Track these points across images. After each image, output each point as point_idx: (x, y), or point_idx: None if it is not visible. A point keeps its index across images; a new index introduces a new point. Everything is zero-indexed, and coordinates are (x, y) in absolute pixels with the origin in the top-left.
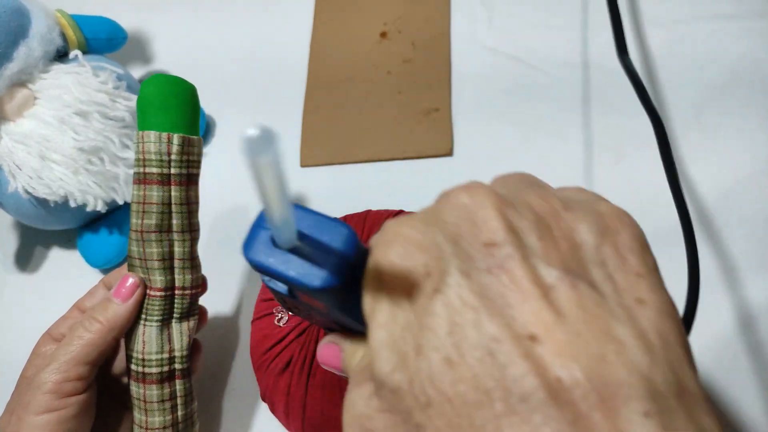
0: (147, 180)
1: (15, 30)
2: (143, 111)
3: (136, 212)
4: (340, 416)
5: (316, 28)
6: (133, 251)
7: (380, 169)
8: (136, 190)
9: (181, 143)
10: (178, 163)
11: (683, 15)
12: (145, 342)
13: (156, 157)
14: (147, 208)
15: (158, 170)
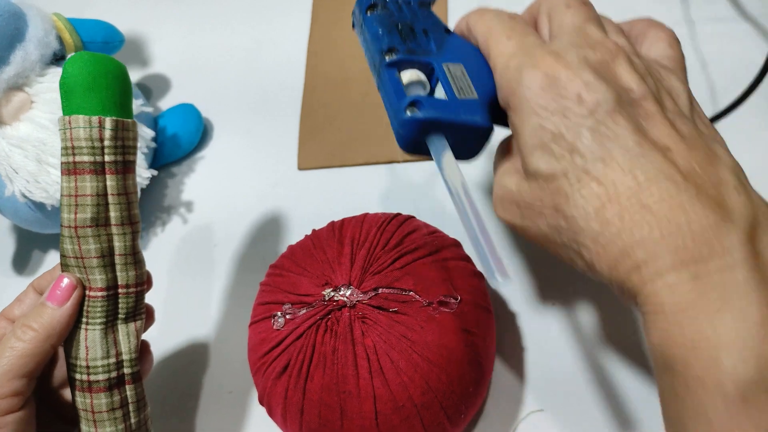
0: (78, 170)
1: (12, 34)
2: (68, 93)
3: (68, 206)
4: (338, 420)
5: (313, 31)
6: (67, 249)
7: (377, 172)
8: (65, 182)
9: (115, 127)
10: (113, 150)
11: (682, 17)
12: (89, 347)
13: (87, 144)
14: (80, 201)
15: (90, 158)
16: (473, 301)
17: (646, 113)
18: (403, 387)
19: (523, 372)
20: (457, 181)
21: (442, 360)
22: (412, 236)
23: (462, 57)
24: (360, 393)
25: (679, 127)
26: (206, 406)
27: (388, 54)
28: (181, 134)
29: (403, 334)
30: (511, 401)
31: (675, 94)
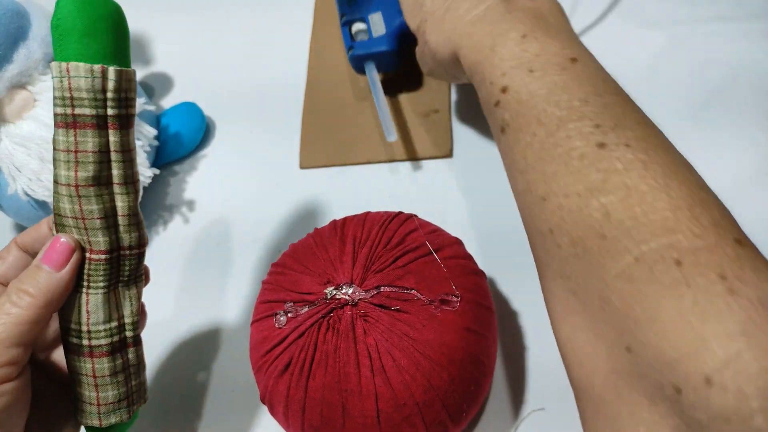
0: (78, 123)
1: (15, 32)
2: (63, 37)
3: (66, 162)
4: (339, 418)
5: (316, 29)
6: (65, 209)
7: (379, 171)
8: (63, 135)
9: (118, 78)
10: (116, 103)
11: (683, 16)
12: (90, 312)
13: (89, 95)
14: (81, 157)
15: (92, 111)
16: (475, 300)
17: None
18: (404, 385)
19: (525, 371)
20: (377, 83)
21: (443, 358)
22: (413, 235)
23: (381, 5)
24: (362, 391)
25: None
26: (208, 404)
27: (341, 17)
28: (183, 133)
29: (404, 333)
30: (513, 400)
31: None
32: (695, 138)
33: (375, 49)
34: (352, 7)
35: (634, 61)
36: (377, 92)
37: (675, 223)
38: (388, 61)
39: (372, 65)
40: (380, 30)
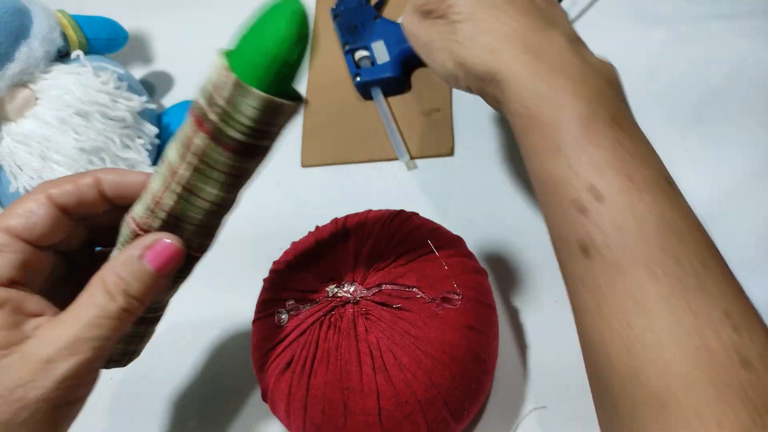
0: (223, 141)
1: (16, 30)
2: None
3: (191, 165)
4: (341, 416)
5: (317, 28)
6: (170, 205)
7: (381, 169)
8: (198, 139)
9: (291, 114)
10: (271, 136)
11: (683, 15)
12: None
13: (249, 123)
14: (209, 172)
15: (242, 138)
16: (476, 298)
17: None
18: (406, 383)
19: (526, 368)
20: (385, 108)
21: (445, 356)
22: (415, 233)
23: (383, 34)
24: (363, 389)
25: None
26: (209, 402)
27: (344, 46)
28: None
29: (406, 331)
30: (514, 398)
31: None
32: (695, 137)
33: (380, 76)
34: (355, 36)
35: (635, 60)
36: (386, 116)
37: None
38: (393, 86)
39: (378, 90)
40: (384, 57)
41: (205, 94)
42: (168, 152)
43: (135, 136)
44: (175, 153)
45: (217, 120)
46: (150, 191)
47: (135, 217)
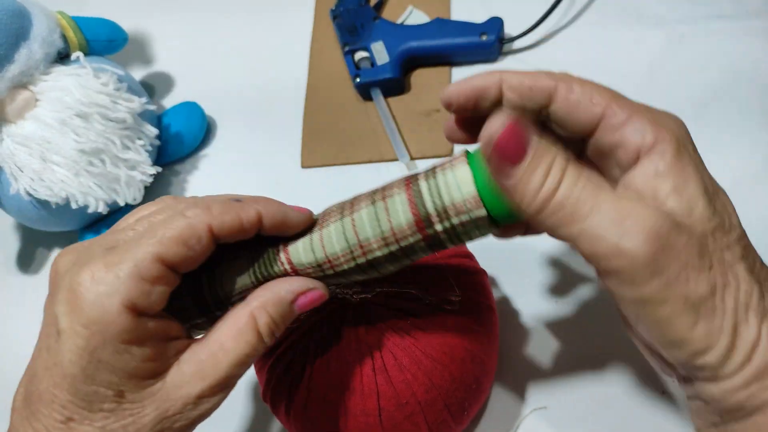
0: (434, 247)
1: (16, 32)
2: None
3: (391, 253)
4: (342, 417)
5: (317, 29)
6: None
7: (380, 170)
8: (413, 239)
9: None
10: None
11: (683, 15)
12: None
13: (467, 241)
14: (402, 259)
15: (450, 246)
16: (476, 299)
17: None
18: (406, 384)
19: (526, 369)
20: (385, 108)
21: (445, 357)
22: None
23: (382, 35)
24: (363, 390)
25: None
26: None
27: (344, 47)
28: (184, 132)
29: (406, 332)
30: (514, 398)
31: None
32: (695, 137)
33: (380, 77)
34: (354, 37)
35: (634, 60)
36: (386, 117)
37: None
38: (393, 86)
39: (378, 91)
40: (384, 58)
41: (437, 206)
42: (362, 225)
43: (135, 138)
44: (376, 235)
45: (443, 235)
46: (322, 248)
47: (296, 265)
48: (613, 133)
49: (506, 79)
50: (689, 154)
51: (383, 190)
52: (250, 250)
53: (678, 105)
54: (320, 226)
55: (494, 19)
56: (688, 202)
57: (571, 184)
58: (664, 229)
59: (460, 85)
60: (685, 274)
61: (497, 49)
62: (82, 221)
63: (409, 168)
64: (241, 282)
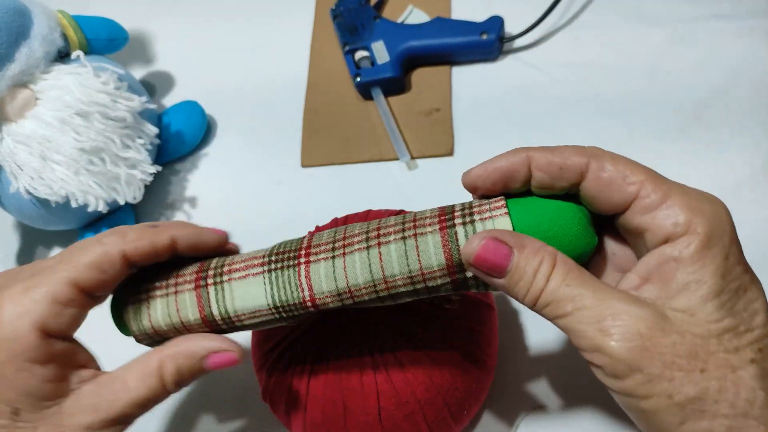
0: (460, 288)
1: (16, 30)
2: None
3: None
4: (341, 416)
5: (317, 28)
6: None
7: (380, 169)
8: (441, 281)
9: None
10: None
11: (684, 15)
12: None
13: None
14: (422, 294)
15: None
16: (475, 298)
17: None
18: (406, 383)
19: (526, 369)
20: (386, 108)
21: (444, 356)
22: None
23: (383, 34)
24: (363, 389)
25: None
26: (210, 402)
27: (344, 47)
28: (184, 131)
29: (406, 331)
30: (514, 398)
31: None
32: (696, 136)
33: (381, 76)
34: (354, 36)
35: (635, 60)
36: (387, 116)
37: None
38: (393, 85)
39: (379, 90)
40: (384, 57)
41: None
42: (389, 261)
43: (135, 136)
44: (403, 273)
45: (472, 281)
46: (345, 278)
47: (315, 293)
48: (644, 215)
49: (534, 159)
50: (720, 247)
51: (414, 222)
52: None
53: (678, 105)
54: (342, 252)
55: (494, 18)
56: (694, 302)
57: (558, 282)
58: (645, 329)
59: (485, 168)
60: (669, 373)
61: (497, 48)
62: (82, 220)
63: (410, 167)
64: (256, 302)
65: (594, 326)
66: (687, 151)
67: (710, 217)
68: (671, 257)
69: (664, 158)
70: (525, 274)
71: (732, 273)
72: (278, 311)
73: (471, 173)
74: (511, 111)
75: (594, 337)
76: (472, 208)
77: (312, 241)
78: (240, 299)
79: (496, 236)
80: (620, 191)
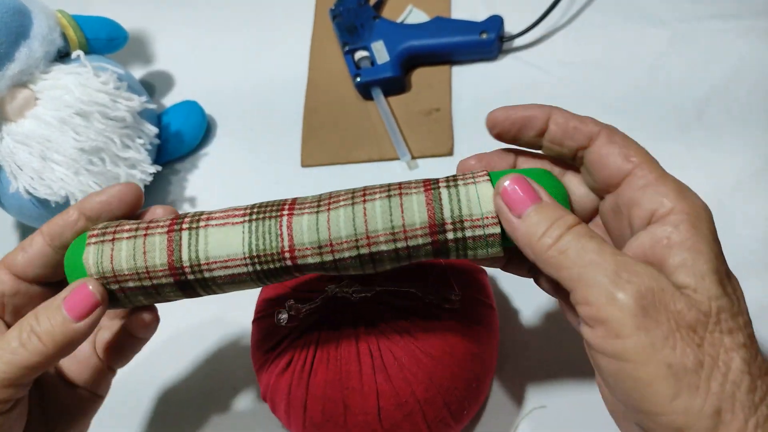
0: (440, 254)
1: (16, 30)
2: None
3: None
4: (341, 416)
5: (317, 28)
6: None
7: (380, 169)
8: (422, 240)
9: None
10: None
11: (684, 14)
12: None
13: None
14: (404, 259)
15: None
16: (476, 297)
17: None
18: (406, 383)
19: (526, 368)
20: (386, 107)
21: (445, 356)
22: None
23: (382, 34)
24: (363, 389)
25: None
26: (209, 402)
27: (344, 47)
28: (184, 131)
29: (405, 330)
30: (514, 397)
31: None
32: (697, 135)
33: (381, 76)
34: (354, 36)
35: (635, 59)
36: (387, 116)
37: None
38: (393, 85)
39: (379, 90)
40: (384, 57)
41: (455, 215)
42: (373, 215)
43: (135, 136)
44: (386, 228)
45: (452, 244)
46: (328, 230)
47: (295, 244)
48: (635, 191)
49: (554, 114)
50: (705, 233)
51: (400, 186)
52: (249, 216)
53: (679, 104)
54: (327, 207)
55: (494, 18)
56: (696, 278)
57: (580, 232)
58: (658, 290)
59: (508, 110)
60: (672, 340)
61: (497, 47)
62: None
63: (411, 167)
64: (231, 250)
65: (609, 277)
66: (687, 150)
67: (696, 205)
68: (664, 236)
69: (665, 157)
70: (543, 220)
71: (720, 256)
72: (253, 261)
73: (494, 112)
74: None
75: (609, 287)
76: (456, 177)
77: (297, 199)
78: (214, 245)
79: (530, 181)
80: (619, 165)
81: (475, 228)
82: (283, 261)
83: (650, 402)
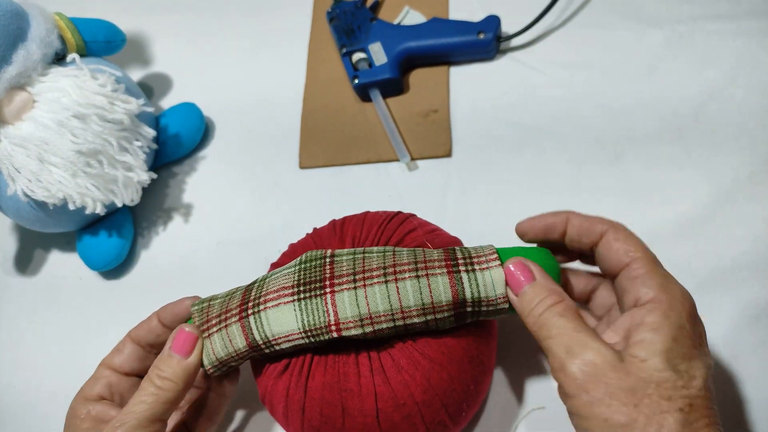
0: (437, 319)
1: (14, 33)
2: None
3: (425, 322)
4: (339, 418)
5: (315, 30)
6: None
7: (378, 170)
8: (448, 313)
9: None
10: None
11: (682, 15)
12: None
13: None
14: (432, 326)
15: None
16: None
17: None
18: (404, 385)
19: (525, 369)
20: (384, 109)
21: (443, 358)
22: (412, 234)
23: (380, 36)
24: (361, 391)
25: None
26: None
27: (341, 49)
28: (182, 133)
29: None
30: (513, 399)
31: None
32: (694, 136)
33: (379, 77)
34: (351, 38)
35: (633, 60)
36: (386, 117)
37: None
38: (391, 87)
39: (377, 92)
40: (381, 59)
41: (474, 297)
42: (405, 294)
43: (133, 139)
44: (417, 304)
45: (470, 317)
46: (367, 305)
47: (340, 318)
48: (628, 281)
49: (571, 219)
50: (677, 318)
51: (425, 263)
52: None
53: (676, 105)
54: (363, 284)
55: (491, 18)
56: (647, 352)
57: (556, 312)
58: (600, 362)
59: (533, 221)
60: (608, 400)
61: (494, 47)
62: (80, 222)
63: (410, 168)
64: (289, 327)
65: (565, 350)
66: (685, 151)
67: (675, 295)
68: (639, 318)
69: (662, 158)
70: (535, 297)
71: (682, 341)
72: (307, 335)
73: (523, 223)
74: (508, 111)
75: (562, 358)
76: (471, 258)
77: (334, 271)
78: (275, 324)
79: (528, 264)
80: (620, 258)
81: (489, 305)
82: (329, 332)
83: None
